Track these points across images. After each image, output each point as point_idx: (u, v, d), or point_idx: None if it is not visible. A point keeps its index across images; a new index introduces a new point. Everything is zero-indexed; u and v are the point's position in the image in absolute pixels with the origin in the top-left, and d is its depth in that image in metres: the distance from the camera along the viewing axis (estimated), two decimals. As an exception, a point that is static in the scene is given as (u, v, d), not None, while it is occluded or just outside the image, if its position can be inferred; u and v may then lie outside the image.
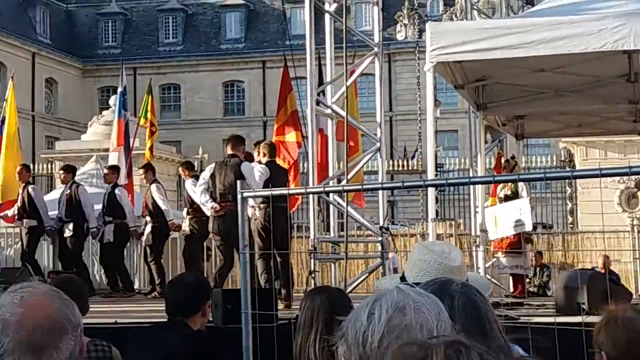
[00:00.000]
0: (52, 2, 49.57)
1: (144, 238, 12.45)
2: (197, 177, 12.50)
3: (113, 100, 20.58)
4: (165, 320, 4.27)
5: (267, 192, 5.03)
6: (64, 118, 48.91)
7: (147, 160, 14.47)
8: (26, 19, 48.47)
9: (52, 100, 49.62)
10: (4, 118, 14.74)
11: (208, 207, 9.62)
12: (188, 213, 12.02)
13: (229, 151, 10.20)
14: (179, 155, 25.00)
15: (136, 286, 13.93)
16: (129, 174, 14.17)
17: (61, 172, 12.93)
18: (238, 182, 4.83)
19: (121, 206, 12.46)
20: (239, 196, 4.61)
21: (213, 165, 10.10)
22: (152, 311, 9.65)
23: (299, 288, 13.49)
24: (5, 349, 1.83)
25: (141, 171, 12.70)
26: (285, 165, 11.96)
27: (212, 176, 9.72)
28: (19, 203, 12.47)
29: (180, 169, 12.65)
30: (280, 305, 8.22)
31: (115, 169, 13.05)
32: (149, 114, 14.62)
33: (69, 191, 12.37)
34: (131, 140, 14.32)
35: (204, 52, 50.11)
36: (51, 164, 23.74)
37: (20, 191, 12.55)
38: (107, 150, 16.11)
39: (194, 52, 50.24)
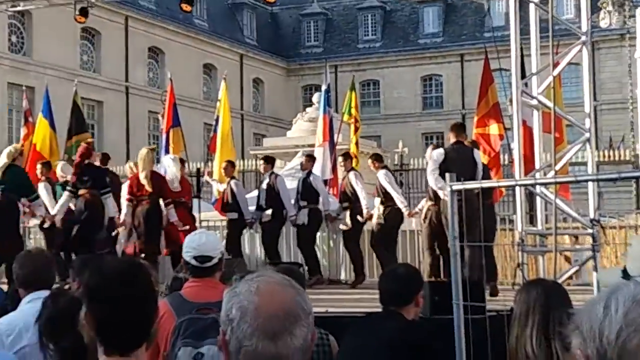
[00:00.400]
0: (258, 6, 51.45)
1: (342, 225, 12.71)
2: (386, 168, 12.69)
3: (316, 98, 21.08)
4: (380, 310, 4.39)
5: (476, 185, 5.01)
6: (270, 116, 50.68)
7: (353, 154, 14.75)
8: (234, 23, 50.67)
9: (259, 99, 51.56)
10: (218, 117, 15.52)
11: (446, 192, 9.57)
12: (382, 203, 12.12)
13: (453, 139, 10.25)
14: (379, 150, 25.23)
15: (342, 277, 14.17)
16: (334, 169, 14.50)
17: (261, 162, 13.44)
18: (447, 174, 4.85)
19: (316, 191, 12.77)
20: (448, 188, 4.64)
21: (442, 151, 10.16)
22: (358, 300, 9.86)
23: (502, 280, 13.28)
24: (244, 334, 1.94)
25: (340, 159, 13.00)
26: (486, 159, 11.82)
27: (444, 162, 9.75)
28: (223, 197, 13.17)
29: (369, 160, 12.77)
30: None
31: (311, 157, 13.43)
32: (353, 110, 14.87)
33: (268, 180, 12.85)
34: (335, 135, 14.63)
35: (403, 47, 50.27)
36: (259, 160, 24.66)
37: (225, 185, 13.22)
38: (311, 146, 16.52)
39: (392, 47, 50.52)
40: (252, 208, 13.15)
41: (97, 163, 12.32)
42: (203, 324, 3.79)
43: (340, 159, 13.24)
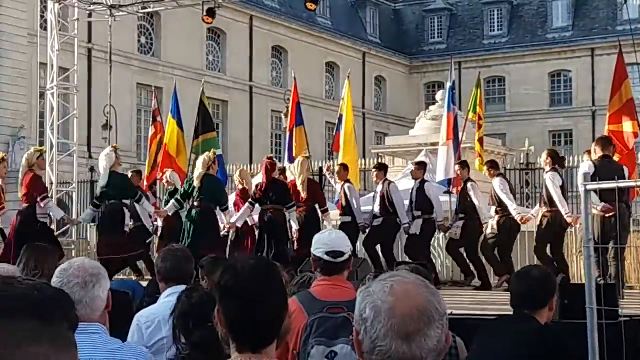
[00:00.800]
0: (381, 3, 51.49)
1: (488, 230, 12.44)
2: (502, 176, 12.43)
3: (440, 95, 20.88)
4: (511, 313, 4.26)
5: (613, 185, 4.81)
6: (392, 114, 50.61)
7: (477, 153, 14.53)
8: (357, 21, 50.86)
9: (381, 97, 51.56)
10: (341, 116, 15.58)
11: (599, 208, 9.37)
12: (496, 212, 12.02)
13: (599, 152, 9.95)
14: (504, 148, 24.77)
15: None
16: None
17: (374, 170, 13.36)
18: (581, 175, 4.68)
19: (430, 201, 12.63)
20: (581, 188, 4.48)
21: (591, 164, 9.84)
22: (482, 302, 9.70)
23: (634, 284, 12.77)
24: (378, 335, 1.92)
25: (487, 166, 12.73)
26: (618, 157, 11.37)
27: (595, 175, 9.38)
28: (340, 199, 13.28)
29: (485, 167, 12.62)
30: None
31: (421, 165, 13.28)
32: (477, 108, 14.63)
33: (381, 188, 12.78)
34: (460, 134, 14.42)
35: (530, 42, 49.20)
36: (381, 159, 24.65)
37: (339, 189, 13.26)
38: (434, 144, 16.35)
39: (519, 43, 49.52)
40: (369, 208, 13.14)
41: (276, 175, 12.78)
42: (334, 323, 3.80)
43: (486, 166, 13.03)
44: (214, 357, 3.42)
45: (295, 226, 12.11)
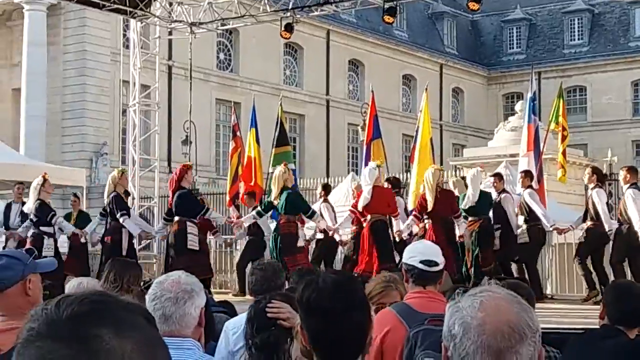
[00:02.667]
0: (458, 14, 51.10)
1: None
2: (531, 187, 12.38)
3: (520, 106, 20.61)
4: (600, 327, 4.14)
5: None
6: (470, 126, 50.12)
7: (560, 164, 14.24)
8: (434, 32, 50.58)
9: (458, 109, 51.12)
10: (418, 128, 15.47)
11: None
12: (526, 221, 12.34)
13: None
14: (586, 159, 24.29)
15: (548, 291, 13.79)
16: (539, 179, 14.04)
17: (493, 178, 13.16)
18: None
19: (504, 212, 12.63)
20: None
21: None
22: (562, 315, 9.48)
23: None
24: (467, 352, 1.87)
25: (560, 173, 12.78)
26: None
27: None
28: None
29: (493, 178, 12.80)
30: None
31: (500, 176, 13.18)
32: (560, 118, 14.34)
33: (497, 198, 12.67)
34: (541, 145, 14.16)
35: (612, 51, 48.12)
36: (459, 171, 24.43)
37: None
38: (513, 155, 16.12)
39: (600, 52, 48.49)
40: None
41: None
42: (439, 335, 3.73)
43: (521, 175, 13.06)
44: (279, 358, 3.60)
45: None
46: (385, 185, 13.48)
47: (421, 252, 4.27)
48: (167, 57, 32.68)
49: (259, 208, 13.01)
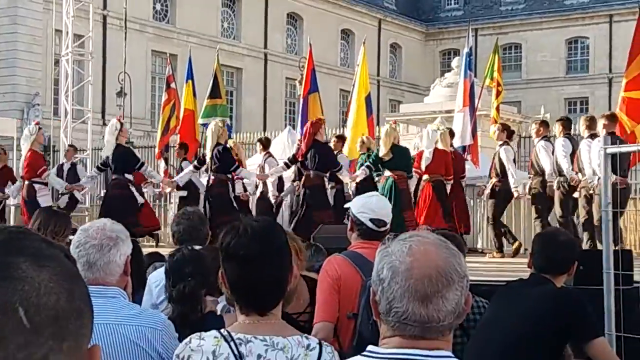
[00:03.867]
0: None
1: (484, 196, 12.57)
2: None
3: (456, 62, 20.71)
4: (527, 277, 4.24)
5: (634, 148, 4.75)
6: (407, 82, 50.35)
7: (493, 120, 14.39)
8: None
9: (396, 65, 51.26)
10: (355, 82, 15.46)
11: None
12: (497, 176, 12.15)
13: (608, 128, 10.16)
14: (519, 116, 24.63)
15: (479, 245, 14.06)
16: (474, 134, 14.23)
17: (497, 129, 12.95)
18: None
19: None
20: (601, 152, 4.44)
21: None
22: (499, 270, 9.67)
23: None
24: (394, 296, 1.89)
25: (494, 128, 12.57)
26: (633, 125, 11.30)
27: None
28: None
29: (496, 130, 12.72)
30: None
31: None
32: (495, 74, 14.49)
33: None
34: (476, 100, 14.31)
35: (547, 9, 48.69)
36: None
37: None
38: (449, 111, 16.25)
39: (537, 10, 49.01)
40: None
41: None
42: None
43: (493, 128, 12.99)
44: (191, 310, 3.68)
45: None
46: (333, 142, 13.56)
47: (372, 209, 4.24)
48: (102, 6, 31.96)
49: (195, 163, 12.78)
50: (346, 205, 4.52)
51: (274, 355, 2.44)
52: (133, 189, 12.35)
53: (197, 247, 4.45)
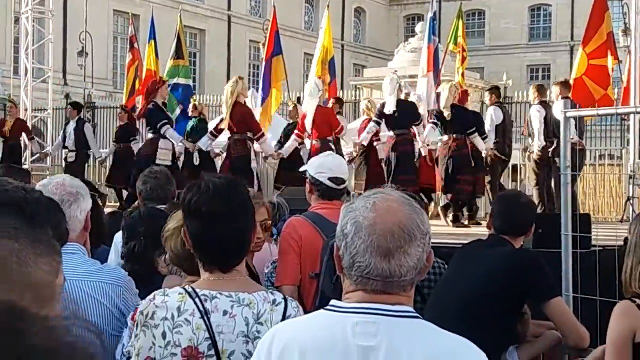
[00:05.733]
0: None
1: None
2: (500, 105, 12.40)
3: (420, 27, 20.68)
4: (486, 237, 4.30)
5: (592, 112, 4.82)
6: (371, 46, 50.23)
7: (459, 84, 14.45)
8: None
9: (360, 29, 51.09)
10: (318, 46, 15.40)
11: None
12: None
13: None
14: (482, 82, 24.74)
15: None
16: (438, 100, 14.28)
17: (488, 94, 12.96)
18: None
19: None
20: (561, 116, 4.49)
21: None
22: (460, 234, 9.78)
23: (608, 217, 12.98)
24: (357, 251, 1.92)
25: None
26: (601, 92, 11.46)
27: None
28: None
29: (487, 94, 12.65)
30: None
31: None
32: (460, 39, 14.51)
33: None
34: (440, 66, 14.34)
35: (511, -24, 48.81)
36: (359, 91, 24.56)
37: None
38: (412, 76, 16.24)
39: (500, -24, 49.12)
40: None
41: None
42: None
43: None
44: (141, 269, 3.68)
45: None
46: (332, 104, 13.44)
47: (330, 168, 4.26)
48: (62, -37, 31.36)
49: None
50: (302, 169, 4.52)
51: (240, 311, 2.47)
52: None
53: (161, 207, 4.46)
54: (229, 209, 2.53)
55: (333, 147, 11.52)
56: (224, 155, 11.85)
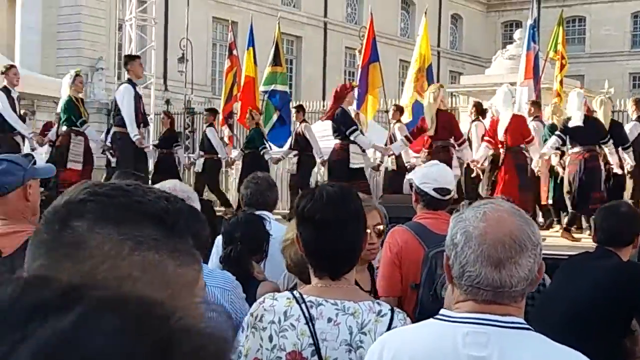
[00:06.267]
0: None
1: None
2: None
3: (519, 34, 20.40)
4: (593, 250, 4.22)
5: None
6: (467, 53, 49.74)
7: (557, 93, 14.18)
8: (435, -44, 49.79)
9: (457, 36, 50.66)
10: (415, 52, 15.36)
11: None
12: None
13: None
14: (583, 90, 24.19)
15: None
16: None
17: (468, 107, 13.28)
18: None
19: None
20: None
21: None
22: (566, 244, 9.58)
23: None
24: (467, 260, 1.92)
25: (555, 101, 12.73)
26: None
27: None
28: None
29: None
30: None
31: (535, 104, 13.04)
32: (559, 46, 14.25)
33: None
34: (540, 73, 14.10)
35: (613, -19, 47.62)
36: (455, 98, 24.36)
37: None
38: (512, 84, 16.02)
39: (602, -19, 47.95)
40: None
41: None
42: None
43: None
44: (239, 274, 3.69)
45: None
46: (392, 111, 13.62)
47: (435, 178, 4.26)
48: (165, -28, 32.17)
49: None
50: (408, 177, 4.54)
51: (344, 320, 2.49)
52: None
53: (263, 212, 4.52)
54: (340, 217, 2.55)
55: (527, 154, 11.17)
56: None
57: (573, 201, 10.54)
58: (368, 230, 2.93)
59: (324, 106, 21.34)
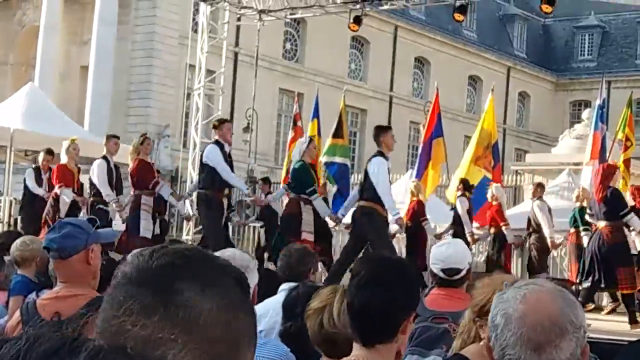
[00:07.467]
0: (530, 17, 50.41)
1: None
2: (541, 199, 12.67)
3: (587, 114, 20.24)
4: None
5: None
6: (534, 131, 49.47)
7: (621, 174, 13.95)
8: (504, 34, 49.98)
9: (523, 114, 50.49)
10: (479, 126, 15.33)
11: None
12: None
13: None
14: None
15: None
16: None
17: (530, 186, 13.56)
18: None
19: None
20: None
21: None
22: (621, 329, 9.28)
23: None
24: (507, 343, 1.86)
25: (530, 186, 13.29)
26: None
27: None
28: None
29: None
30: None
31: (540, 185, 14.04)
32: (626, 128, 14.06)
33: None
34: (607, 154, 13.90)
35: (685, 64, 47.07)
36: (520, 176, 24.13)
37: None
38: (577, 164, 15.85)
39: (674, 64, 47.46)
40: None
41: None
42: (435, 334, 3.95)
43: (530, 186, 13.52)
44: (299, 350, 3.65)
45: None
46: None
47: (442, 259, 4.31)
48: (234, 43, 32.88)
49: None
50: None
51: None
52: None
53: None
54: (390, 288, 2.56)
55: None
56: None
57: None
58: None
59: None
